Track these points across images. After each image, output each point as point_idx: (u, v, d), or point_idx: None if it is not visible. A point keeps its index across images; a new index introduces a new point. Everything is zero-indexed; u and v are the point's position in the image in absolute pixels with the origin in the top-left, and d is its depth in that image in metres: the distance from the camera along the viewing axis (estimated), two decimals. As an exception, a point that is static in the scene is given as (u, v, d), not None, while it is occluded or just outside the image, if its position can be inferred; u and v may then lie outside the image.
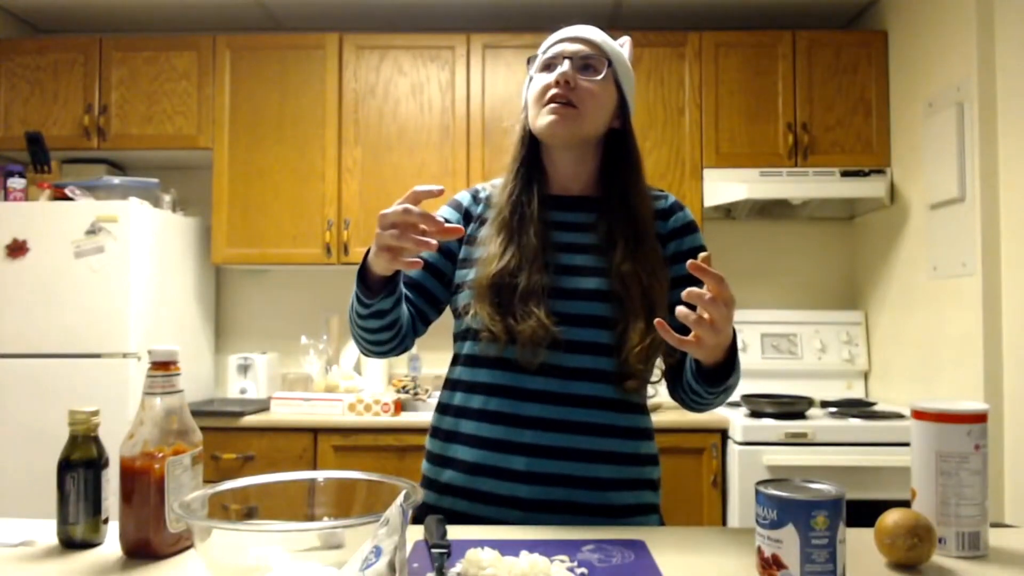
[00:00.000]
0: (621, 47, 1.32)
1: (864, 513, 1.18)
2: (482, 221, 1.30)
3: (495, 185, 1.34)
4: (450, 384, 1.30)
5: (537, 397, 1.19)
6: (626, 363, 1.18)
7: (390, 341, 1.25)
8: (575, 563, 0.94)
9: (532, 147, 1.29)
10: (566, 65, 1.23)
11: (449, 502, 1.22)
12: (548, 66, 1.26)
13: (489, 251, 1.23)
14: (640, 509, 1.23)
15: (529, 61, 1.30)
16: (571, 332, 1.19)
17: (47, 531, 1.07)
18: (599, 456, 1.19)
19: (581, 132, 1.24)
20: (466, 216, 1.33)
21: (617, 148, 1.29)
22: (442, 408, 1.30)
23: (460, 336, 1.28)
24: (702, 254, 0.99)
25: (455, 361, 1.30)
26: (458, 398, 1.26)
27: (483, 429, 1.21)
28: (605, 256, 1.22)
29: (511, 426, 1.19)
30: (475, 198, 1.35)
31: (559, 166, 1.29)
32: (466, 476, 1.21)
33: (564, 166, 1.29)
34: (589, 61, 1.24)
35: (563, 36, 1.28)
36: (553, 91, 1.22)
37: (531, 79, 1.29)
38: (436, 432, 1.29)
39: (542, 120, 1.24)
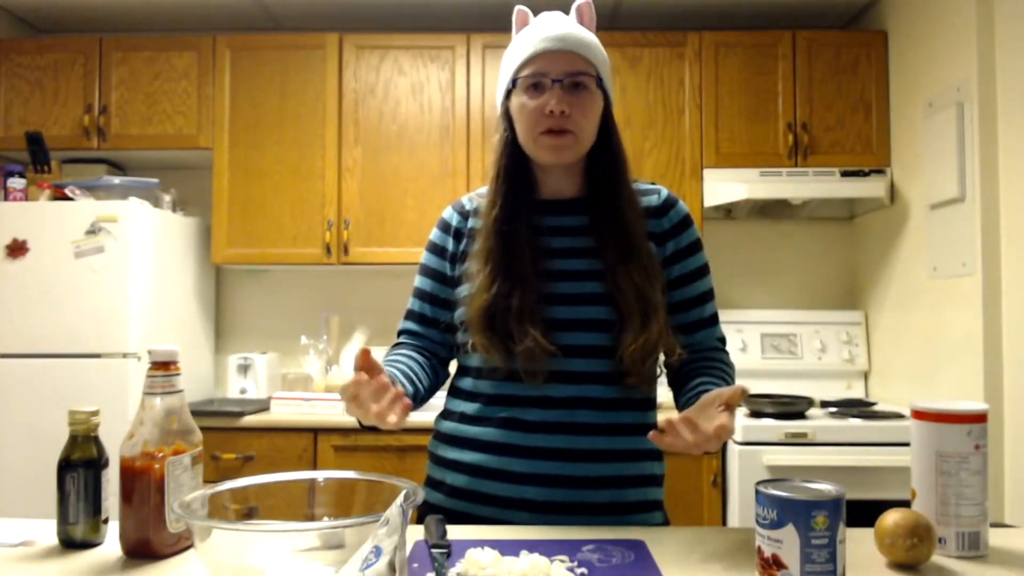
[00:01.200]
0: (581, 17, 1.27)
1: (864, 513, 1.18)
2: (471, 235, 1.29)
3: (482, 195, 1.31)
4: (454, 391, 1.31)
5: (540, 403, 1.19)
6: (621, 363, 1.18)
7: (424, 399, 1.27)
8: (575, 563, 0.94)
9: (517, 157, 1.26)
10: (556, 91, 1.18)
11: (454, 504, 1.23)
12: (534, 85, 1.21)
13: (477, 282, 1.21)
14: (645, 506, 1.23)
15: (512, 83, 1.23)
16: (571, 337, 1.19)
17: (47, 531, 1.07)
18: (604, 455, 1.19)
19: (579, 154, 1.23)
20: (456, 235, 1.31)
21: (602, 144, 1.26)
22: (446, 413, 1.30)
23: (462, 348, 1.29)
24: (727, 391, 1.03)
25: (458, 371, 1.31)
26: (461, 406, 1.27)
27: (487, 434, 1.21)
28: (600, 258, 1.22)
29: (514, 430, 1.19)
30: (462, 214, 1.33)
31: (551, 176, 1.27)
32: (471, 479, 1.22)
33: (556, 176, 1.27)
34: (578, 79, 1.20)
35: (545, 48, 1.20)
36: (547, 124, 1.19)
37: (511, 89, 1.24)
38: (440, 435, 1.30)
39: (539, 151, 1.22)
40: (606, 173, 1.26)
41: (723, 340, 1.32)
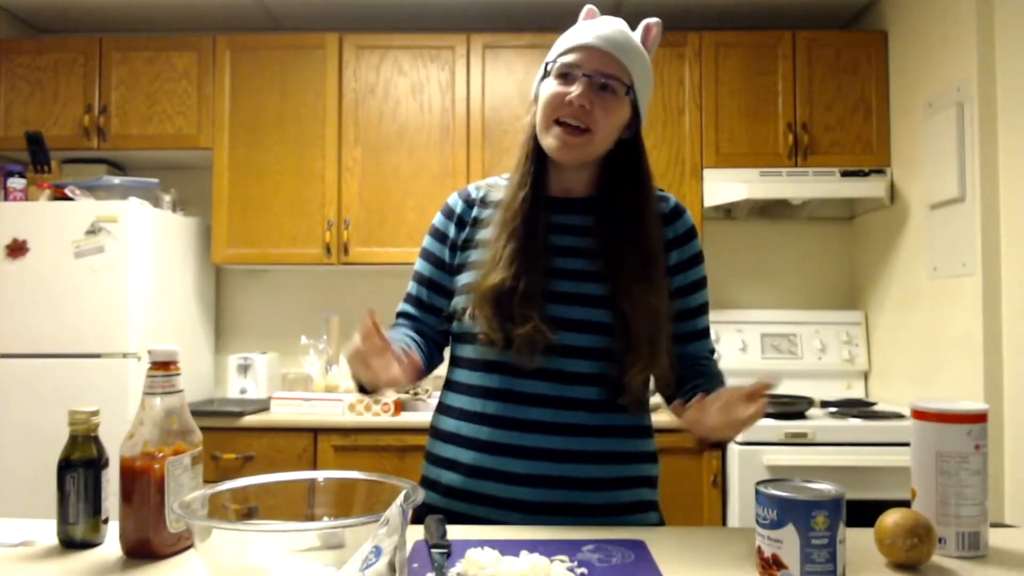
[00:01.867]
0: (647, 33, 1.26)
1: (864, 513, 1.18)
2: (477, 224, 1.29)
3: (491, 184, 1.32)
4: (449, 385, 1.30)
5: (535, 401, 1.19)
6: (627, 386, 1.18)
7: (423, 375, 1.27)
8: (575, 563, 0.94)
9: (539, 145, 1.25)
10: (584, 84, 1.17)
11: (448, 503, 1.23)
12: (565, 74, 1.20)
13: (492, 255, 1.21)
14: (639, 507, 1.23)
15: (547, 67, 1.23)
16: (568, 337, 1.18)
17: (47, 531, 1.07)
18: (598, 457, 1.19)
19: (590, 156, 1.22)
20: (458, 222, 1.31)
21: (624, 155, 1.25)
22: (443, 409, 1.30)
23: (457, 338, 1.28)
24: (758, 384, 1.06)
25: (453, 363, 1.30)
26: (456, 400, 1.27)
27: (482, 432, 1.21)
28: (605, 264, 1.21)
29: (509, 429, 1.19)
30: (467, 202, 1.32)
31: (562, 170, 1.27)
32: (465, 479, 1.22)
33: (566, 173, 1.27)
34: (609, 82, 1.18)
35: (587, 42, 1.19)
36: (566, 112, 1.18)
37: (545, 74, 1.23)
38: (436, 433, 1.30)
39: (550, 141, 1.21)
40: (630, 184, 1.24)
41: (713, 351, 1.33)
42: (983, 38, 2.37)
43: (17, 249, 2.73)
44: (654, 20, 1.27)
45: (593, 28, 1.22)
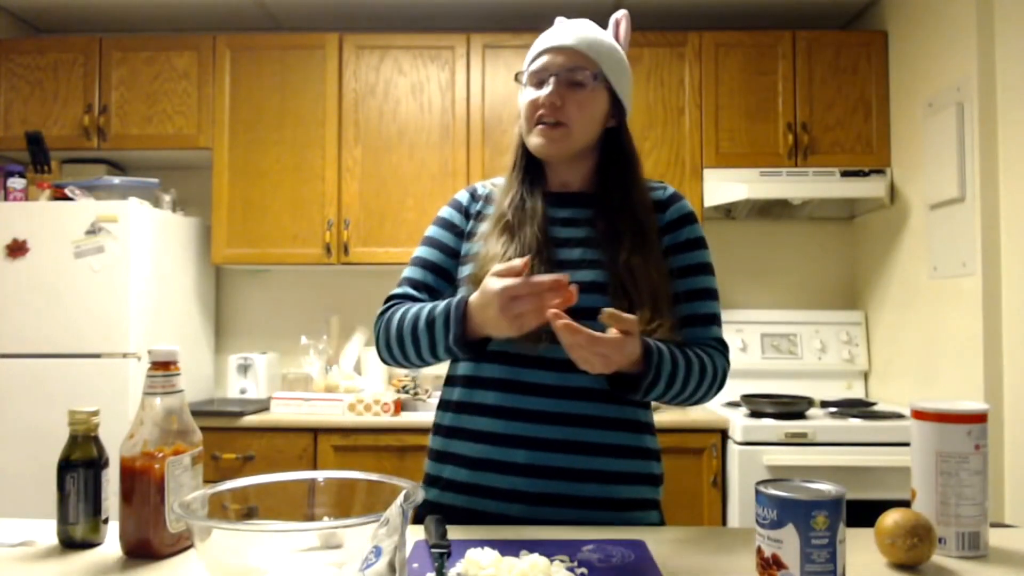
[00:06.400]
0: (617, 26, 1.31)
1: (864, 513, 1.18)
2: (480, 217, 1.32)
3: (495, 184, 1.35)
4: (451, 380, 1.31)
5: (536, 390, 1.20)
6: None
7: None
8: (575, 563, 0.94)
9: (528, 151, 1.30)
10: (552, 83, 1.23)
11: (451, 498, 1.23)
12: (536, 81, 1.26)
13: (489, 250, 1.23)
14: (640, 504, 1.23)
15: (518, 76, 1.30)
16: None
17: (47, 531, 1.07)
18: (601, 449, 1.20)
19: (571, 148, 1.26)
20: (465, 214, 1.35)
21: (614, 145, 1.30)
22: (444, 404, 1.31)
23: None
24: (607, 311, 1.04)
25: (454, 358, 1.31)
26: (458, 393, 1.28)
27: (483, 423, 1.22)
28: (604, 250, 1.23)
29: (511, 420, 1.20)
30: (473, 196, 1.37)
31: (556, 168, 1.31)
32: (468, 471, 1.22)
33: (561, 168, 1.30)
34: (575, 76, 1.23)
35: (549, 45, 1.26)
36: (540, 112, 1.23)
37: (523, 88, 1.29)
38: (438, 429, 1.31)
39: (532, 141, 1.26)
40: (620, 172, 1.28)
41: (720, 341, 1.29)
42: (983, 38, 2.37)
43: (17, 249, 2.73)
44: (622, 13, 1.33)
45: (553, 32, 1.29)
